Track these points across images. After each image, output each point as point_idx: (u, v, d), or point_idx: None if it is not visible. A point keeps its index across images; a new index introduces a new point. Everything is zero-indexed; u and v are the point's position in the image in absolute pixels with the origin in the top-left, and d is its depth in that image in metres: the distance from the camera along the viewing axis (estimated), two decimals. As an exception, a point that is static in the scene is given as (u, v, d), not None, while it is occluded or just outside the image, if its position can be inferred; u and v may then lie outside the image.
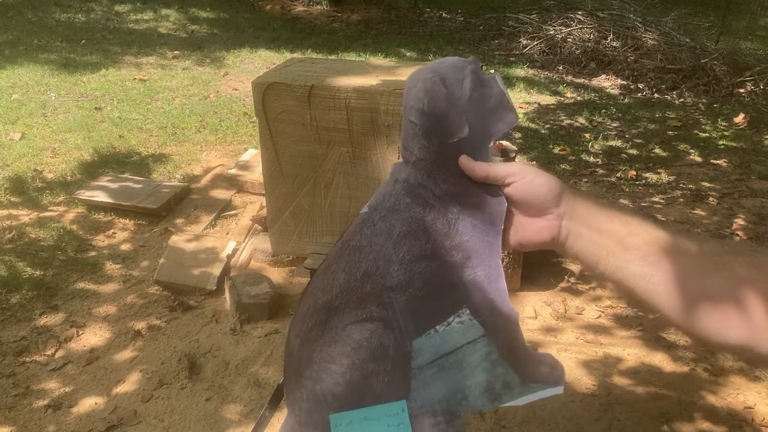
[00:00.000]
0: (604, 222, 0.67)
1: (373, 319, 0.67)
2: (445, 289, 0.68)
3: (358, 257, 0.69)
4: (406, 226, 0.68)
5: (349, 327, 0.67)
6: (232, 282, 2.56)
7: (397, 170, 0.73)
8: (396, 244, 0.68)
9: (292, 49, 6.83)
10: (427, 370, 0.67)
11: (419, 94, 0.68)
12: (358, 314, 0.67)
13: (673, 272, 0.62)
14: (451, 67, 0.69)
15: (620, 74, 6.55)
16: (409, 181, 0.70)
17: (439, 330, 0.68)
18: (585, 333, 2.52)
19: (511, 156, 3.43)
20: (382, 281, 0.67)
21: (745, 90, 6.24)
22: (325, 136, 2.51)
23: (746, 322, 0.58)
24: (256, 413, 2.02)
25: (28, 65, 5.65)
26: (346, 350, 0.66)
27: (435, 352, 0.68)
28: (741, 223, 3.52)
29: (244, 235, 3.04)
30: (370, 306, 0.67)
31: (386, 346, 0.66)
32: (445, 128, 0.68)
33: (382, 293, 0.67)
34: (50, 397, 2.11)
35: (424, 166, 0.70)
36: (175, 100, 5.07)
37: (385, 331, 0.66)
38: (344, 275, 0.69)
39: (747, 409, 2.16)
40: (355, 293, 0.68)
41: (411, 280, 0.67)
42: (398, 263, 0.67)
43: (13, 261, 2.83)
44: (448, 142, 0.68)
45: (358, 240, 0.70)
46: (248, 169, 3.54)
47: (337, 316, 0.68)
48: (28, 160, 3.81)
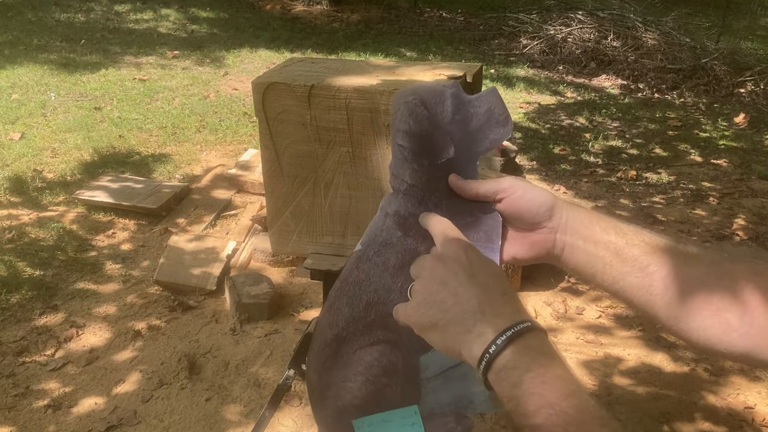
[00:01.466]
0: (599, 233, 0.66)
1: (381, 342, 0.69)
2: None
3: (359, 291, 0.71)
4: (401, 258, 0.70)
5: (359, 351, 0.70)
6: (232, 282, 2.56)
7: (386, 203, 0.73)
8: (393, 276, 0.69)
9: (292, 49, 6.83)
10: (435, 380, 0.70)
11: (404, 116, 0.69)
12: (366, 340, 0.70)
13: (672, 282, 0.61)
14: (431, 90, 0.70)
15: (620, 74, 6.55)
16: (400, 213, 0.71)
17: None
18: (585, 333, 2.52)
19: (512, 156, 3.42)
20: (384, 308, 0.69)
21: (746, 90, 6.24)
22: (325, 136, 2.51)
23: (748, 330, 0.58)
24: (256, 413, 2.02)
25: (28, 65, 5.65)
26: (359, 369, 0.70)
27: (441, 365, 0.70)
28: (741, 223, 3.52)
29: (244, 235, 3.04)
30: (376, 331, 0.70)
31: (395, 363, 0.69)
32: (432, 149, 0.69)
33: (386, 318, 0.69)
34: (50, 397, 2.11)
35: (415, 192, 0.70)
36: (175, 100, 5.07)
37: (392, 350, 0.69)
38: (348, 309, 0.71)
39: (747, 409, 2.16)
40: (360, 323, 0.70)
41: None
42: (397, 291, 0.69)
43: (13, 261, 2.83)
44: (437, 163, 0.69)
45: (356, 275, 0.72)
46: (248, 169, 3.54)
47: (346, 344, 0.71)
48: (28, 160, 3.81)
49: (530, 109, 5.45)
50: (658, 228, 3.43)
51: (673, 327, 0.62)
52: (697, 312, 0.60)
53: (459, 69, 2.59)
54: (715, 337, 0.60)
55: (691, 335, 0.61)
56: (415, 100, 0.68)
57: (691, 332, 0.61)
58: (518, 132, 4.86)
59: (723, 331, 0.59)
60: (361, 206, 2.59)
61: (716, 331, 0.59)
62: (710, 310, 0.59)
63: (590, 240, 0.66)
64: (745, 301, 0.58)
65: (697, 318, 0.60)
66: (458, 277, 0.59)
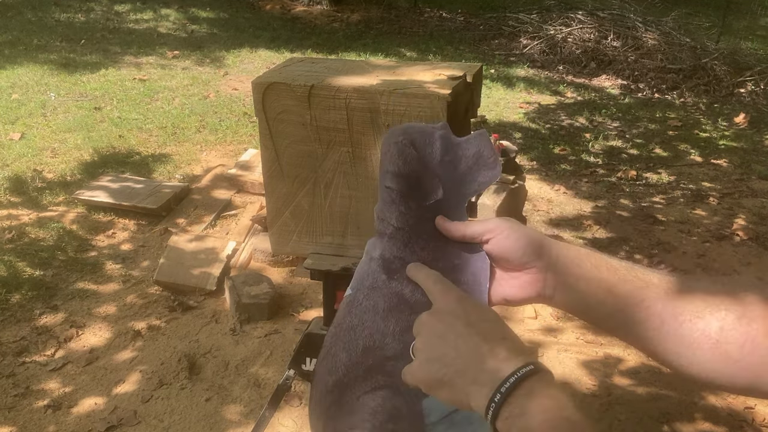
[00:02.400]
0: (590, 270, 0.65)
1: (382, 387, 0.70)
2: None
3: (354, 336, 0.71)
4: (388, 302, 0.70)
5: (363, 397, 0.70)
6: (232, 282, 2.56)
7: (371, 247, 0.74)
8: (384, 319, 0.70)
9: (292, 49, 6.83)
10: (439, 426, 0.70)
11: (393, 157, 0.69)
12: (368, 385, 0.70)
13: (669, 316, 0.60)
14: (420, 131, 0.70)
15: (620, 74, 6.55)
16: (384, 256, 0.71)
17: None
18: (585, 333, 2.52)
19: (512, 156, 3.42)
20: (381, 353, 0.70)
21: (746, 90, 6.24)
22: (325, 136, 2.51)
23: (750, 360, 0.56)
24: (256, 413, 2.02)
25: (28, 65, 5.65)
26: (365, 416, 0.70)
27: (443, 410, 0.70)
28: (741, 223, 3.52)
29: (244, 235, 3.04)
30: (376, 375, 0.70)
31: (399, 408, 0.69)
32: (421, 190, 0.69)
33: (384, 363, 0.70)
34: (50, 397, 2.11)
35: (401, 236, 0.70)
36: (174, 100, 5.07)
37: (394, 395, 0.69)
38: (345, 354, 0.72)
39: (747, 409, 2.16)
40: (359, 368, 0.71)
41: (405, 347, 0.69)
42: (391, 335, 0.69)
43: (13, 261, 2.83)
44: (425, 205, 0.69)
45: (350, 321, 0.72)
46: (248, 169, 3.54)
47: (348, 391, 0.71)
48: (28, 160, 3.81)
49: (530, 109, 5.45)
50: (658, 228, 3.42)
51: (673, 363, 0.61)
52: (696, 346, 0.58)
53: (459, 69, 2.59)
54: (716, 372, 0.58)
55: (692, 371, 0.60)
56: (405, 140, 0.69)
57: (692, 367, 0.60)
58: (518, 132, 4.86)
59: (724, 364, 0.57)
60: (361, 206, 2.59)
61: (717, 365, 0.58)
62: (709, 343, 0.58)
63: (582, 278, 0.65)
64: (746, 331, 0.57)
65: (696, 352, 0.59)
66: (456, 329, 0.59)
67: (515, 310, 2.65)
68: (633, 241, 3.25)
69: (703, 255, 3.17)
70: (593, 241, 3.25)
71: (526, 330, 2.53)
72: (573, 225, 3.43)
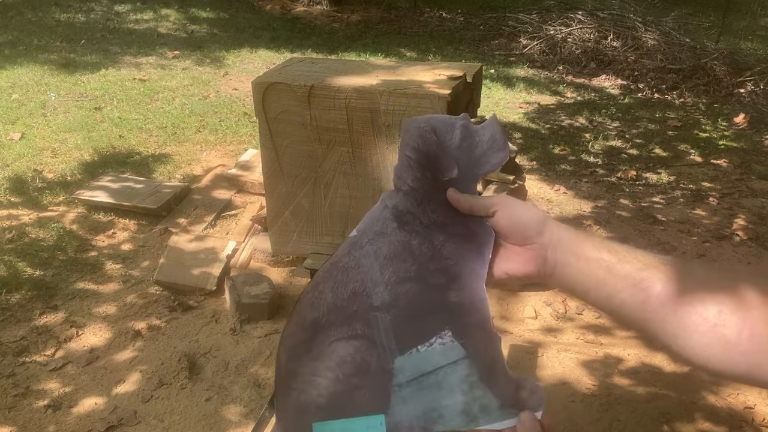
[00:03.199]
0: (591, 250, 0.66)
1: (358, 337, 0.70)
2: (429, 311, 0.72)
3: (346, 278, 0.73)
4: (392, 248, 0.72)
5: (335, 343, 0.70)
6: (232, 282, 2.56)
7: (387, 197, 0.77)
8: (382, 266, 0.72)
9: (292, 49, 6.83)
10: (407, 387, 0.70)
11: (414, 136, 0.74)
12: (344, 331, 0.70)
13: (667, 297, 0.60)
14: (443, 121, 0.75)
15: (620, 74, 6.55)
16: (398, 207, 0.74)
17: (421, 350, 0.71)
18: (585, 333, 2.52)
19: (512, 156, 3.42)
20: (368, 301, 0.71)
21: (746, 90, 6.24)
22: (325, 136, 2.50)
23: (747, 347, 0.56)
24: (256, 413, 2.02)
25: (28, 65, 5.65)
26: (330, 365, 0.70)
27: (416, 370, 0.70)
28: (741, 223, 3.52)
29: (244, 235, 3.04)
30: (356, 324, 0.70)
31: (369, 363, 0.70)
32: (437, 167, 0.74)
33: (368, 312, 0.70)
34: (50, 397, 2.11)
35: (415, 195, 0.74)
36: (175, 100, 5.07)
37: (369, 348, 0.70)
38: (332, 294, 0.72)
39: (747, 409, 2.16)
40: (341, 312, 0.71)
41: (396, 300, 0.71)
42: (384, 284, 0.71)
43: (13, 261, 2.83)
44: (439, 179, 0.74)
45: (346, 261, 0.74)
46: (248, 169, 3.54)
47: (323, 332, 0.71)
48: (28, 160, 3.81)
49: (530, 109, 5.46)
50: (658, 228, 3.43)
51: (671, 345, 0.61)
52: (693, 328, 0.59)
53: (459, 69, 2.59)
54: (714, 357, 0.58)
55: (689, 353, 0.60)
56: (427, 126, 0.74)
57: (689, 350, 0.60)
58: (518, 132, 4.86)
59: (722, 349, 0.57)
60: (361, 206, 2.58)
61: (714, 349, 0.58)
62: (707, 325, 0.58)
63: (582, 257, 0.66)
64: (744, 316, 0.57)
65: (694, 335, 0.59)
66: None
67: (515, 310, 2.66)
68: (633, 241, 3.25)
69: (703, 255, 3.17)
70: (593, 241, 3.25)
71: (526, 330, 2.53)
72: (573, 225, 3.42)
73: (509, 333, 2.51)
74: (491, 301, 2.68)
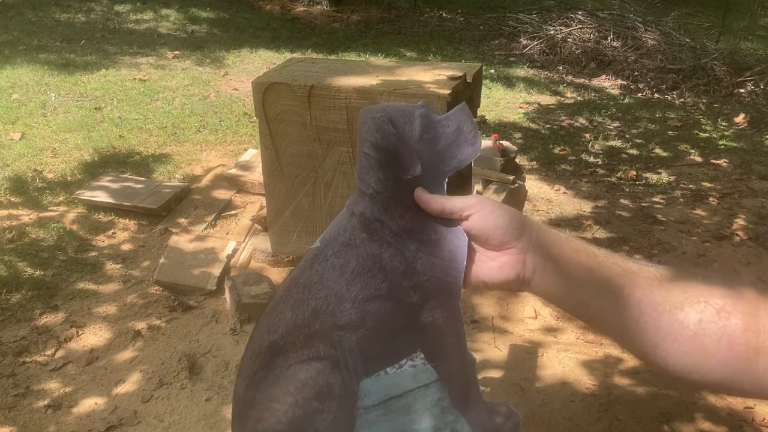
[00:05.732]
0: (570, 254, 0.63)
1: (321, 359, 0.64)
2: (400, 331, 0.66)
3: (307, 295, 0.66)
4: (361, 262, 0.66)
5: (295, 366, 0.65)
6: (232, 282, 2.56)
7: (353, 202, 0.70)
8: (349, 282, 0.65)
9: (292, 49, 6.83)
10: (374, 411, 0.65)
11: (371, 130, 0.67)
12: (305, 353, 0.65)
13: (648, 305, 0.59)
14: (400, 110, 0.68)
15: (620, 74, 6.55)
16: (365, 215, 0.68)
17: (390, 372, 0.66)
18: (585, 333, 2.52)
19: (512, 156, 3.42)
20: (332, 319, 0.65)
21: (746, 90, 6.24)
22: (325, 136, 2.51)
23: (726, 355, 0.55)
24: (256, 413, 2.02)
25: (28, 65, 5.65)
26: (290, 389, 0.64)
27: (383, 394, 0.65)
28: (741, 223, 3.52)
29: (244, 235, 3.04)
30: (318, 345, 0.65)
31: (332, 386, 0.64)
32: (399, 164, 0.67)
33: (331, 332, 0.64)
34: (50, 397, 2.11)
35: (380, 199, 0.67)
36: (175, 100, 5.07)
37: (332, 370, 0.64)
38: (291, 314, 0.66)
39: (747, 409, 2.16)
40: (302, 331, 0.65)
41: (363, 319, 0.64)
42: (350, 301, 0.65)
43: (13, 261, 2.83)
44: (403, 178, 0.67)
45: (308, 276, 0.67)
46: (248, 169, 3.54)
47: (282, 356, 0.66)
48: (28, 160, 3.81)
49: (530, 109, 5.46)
50: (658, 228, 3.43)
51: (649, 355, 0.60)
52: (674, 337, 0.57)
53: (459, 69, 2.59)
54: (693, 365, 0.57)
55: (668, 363, 0.58)
56: (383, 117, 0.67)
57: (668, 360, 0.58)
58: (518, 132, 4.86)
59: (701, 358, 0.56)
60: (361, 206, 2.59)
61: (693, 358, 0.57)
62: (686, 335, 0.57)
63: (562, 261, 0.63)
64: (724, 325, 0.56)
65: (674, 344, 0.57)
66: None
67: (515, 310, 2.66)
68: (633, 241, 3.25)
69: (703, 255, 3.17)
70: (593, 241, 3.24)
71: (526, 330, 2.53)
72: (573, 225, 3.43)
73: (509, 333, 2.51)
74: (491, 301, 2.69)
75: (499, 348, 2.41)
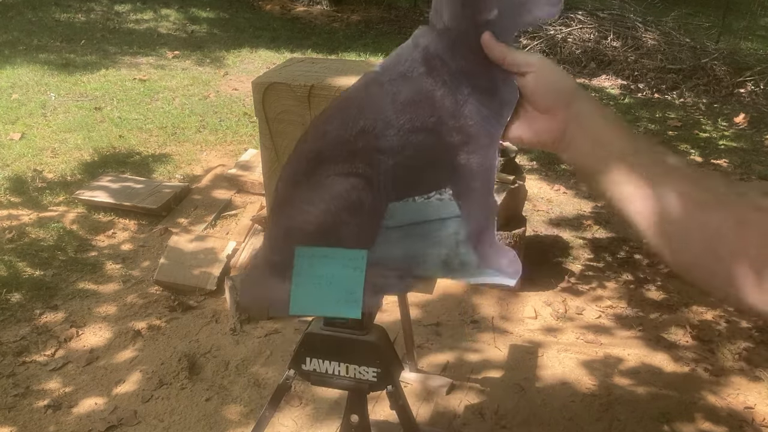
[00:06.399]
0: (609, 135, 0.64)
1: (358, 175, 0.68)
2: (435, 165, 0.69)
3: (357, 114, 0.69)
4: (414, 95, 0.68)
5: (333, 177, 0.69)
6: (232, 282, 2.56)
7: (420, 34, 0.71)
8: (398, 110, 0.68)
9: (292, 49, 6.83)
10: (394, 232, 0.70)
11: None
12: (345, 167, 0.69)
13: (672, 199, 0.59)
14: None
15: (620, 74, 6.55)
16: (429, 49, 0.68)
17: (417, 200, 0.70)
18: (585, 333, 2.52)
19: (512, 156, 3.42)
20: (375, 142, 0.68)
21: (746, 90, 6.24)
22: (325, 136, 2.50)
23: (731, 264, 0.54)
24: (256, 413, 2.02)
25: (28, 65, 5.65)
26: (324, 197, 0.69)
27: (407, 218, 0.70)
28: (741, 223, 3.52)
29: (244, 235, 3.04)
30: (358, 162, 0.68)
31: (363, 202, 0.69)
32: (477, 2, 0.66)
33: (372, 153, 0.68)
34: (50, 397, 2.11)
35: (448, 36, 0.68)
36: (175, 100, 5.07)
37: (365, 187, 0.68)
38: (339, 127, 0.69)
39: (747, 409, 2.16)
40: (346, 147, 0.69)
41: (404, 147, 0.68)
42: (396, 128, 0.68)
43: (13, 261, 2.83)
44: (477, 19, 0.67)
45: (361, 97, 0.70)
46: (248, 169, 3.54)
47: (323, 165, 0.69)
48: (28, 160, 3.81)
49: (530, 109, 5.45)
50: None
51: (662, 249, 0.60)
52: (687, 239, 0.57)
53: (459, 69, 2.59)
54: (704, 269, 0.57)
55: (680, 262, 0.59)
56: None
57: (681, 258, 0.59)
58: (518, 132, 4.86)
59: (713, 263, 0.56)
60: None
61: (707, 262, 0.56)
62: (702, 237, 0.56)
63: (599, 140, 0.64)
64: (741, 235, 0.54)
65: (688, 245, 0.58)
66: None
67: (515, 310, 2.65)
68: (633, 241, 3.25)
69: (703, 255, 3.17)
70: (593, 241, 3.25)
71: (526, 330, 2.53)
72: (573, 225, 3.43)
73: (509, 333, 2.51)
74: (491, 302, 2.69)
75: (499, 348, 2.41)
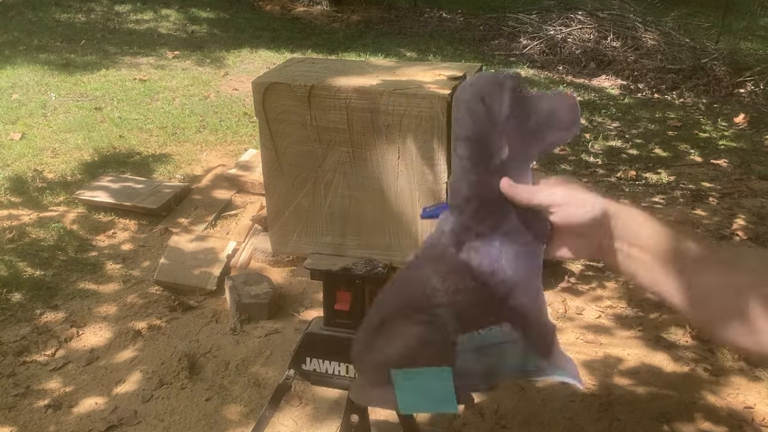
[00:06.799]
0: (644, 239, 0.68)
1: (422, 323, 0.72)
2: (487, 311, 0.73)
3: (406, 289, 0.73)
4: (451, 267, 0.71)
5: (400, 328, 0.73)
6: (232, 282, 2.56)
7: (444, 221, 0.75)
8: (443, 279, 0.71)
9: (292, 49, 6.83)
10: (470, 355, 0.73)
11: (466, 122, 0.68)
12: (408, 321, 0.73)
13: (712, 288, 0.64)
14: (490, 82, 0.69)
15: (620, 74, 6.55)
16: (455, 231, 0.72)
17: (482, 332, 0.73)
18: (585, 333, 2.52)
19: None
20: (428, 302, 0.71)
21: (745, 90, 6.24)
22: (325, 136, 2.50)
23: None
24: (256, 413, 2.02)
25: (28, 65, 5.65)
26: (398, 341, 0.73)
27: (477, 345, 0.73)
28: (741, 223, 3.52)
29: (244, 235, 3.04)
30: (418, 316, 0.72)
31: (434, 341, 0.72)
32: (488, 151, 0.68)
33: (430, 308, 0.72)
34: (50, 397, 2.11)
35: (471, 206, 0.70)
36: (175, 100, 5.07)
37: (433, 330, 0.72)
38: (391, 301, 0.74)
39: (747, 408, 2.16)
40: (401, 312, 0.73)
41: (454, 304, 0.71)
42: (444, 291, 0.71)
43: (14, 261, 2.83)
44: (491, 167, 0.69)
45: (406, 275, 0.74)
46: (248, 169, 3.54)
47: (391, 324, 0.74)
48: (29, 160, 3.81)
49: (530, 110, 5.45)
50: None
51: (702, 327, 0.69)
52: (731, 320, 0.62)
53: (459, 69, 2.59)
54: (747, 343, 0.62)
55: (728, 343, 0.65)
56: (474, 94, 0.68)
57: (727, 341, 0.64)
58: (518, 132, 4.86)
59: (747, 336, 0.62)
60: (361, 207, 2.58)
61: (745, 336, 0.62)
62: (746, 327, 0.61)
63: (635, 246, 0.68)
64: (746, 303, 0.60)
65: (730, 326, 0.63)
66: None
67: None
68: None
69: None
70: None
71: (526, 330, 2.53)
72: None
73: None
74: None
75: (499, 348, 2.41)
